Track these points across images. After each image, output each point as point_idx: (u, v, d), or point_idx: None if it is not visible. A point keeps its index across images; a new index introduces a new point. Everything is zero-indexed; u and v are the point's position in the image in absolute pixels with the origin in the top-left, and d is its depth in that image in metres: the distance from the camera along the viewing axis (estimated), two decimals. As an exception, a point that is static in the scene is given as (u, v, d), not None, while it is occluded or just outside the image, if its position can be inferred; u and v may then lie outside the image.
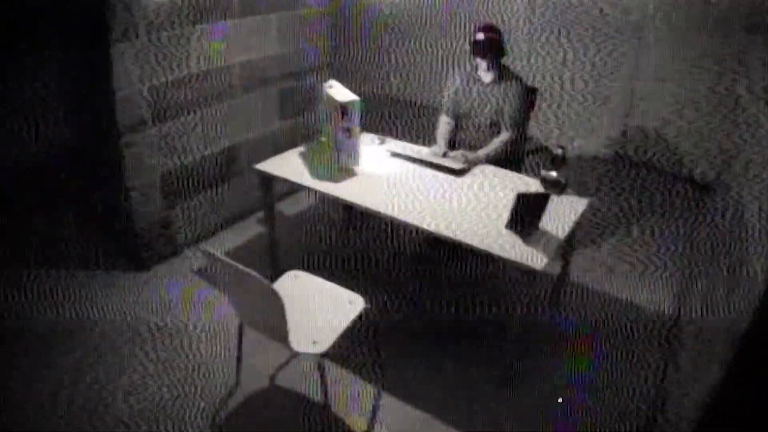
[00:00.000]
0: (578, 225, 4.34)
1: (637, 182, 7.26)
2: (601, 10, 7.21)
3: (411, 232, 4.12)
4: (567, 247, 4.54)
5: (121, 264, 5.46)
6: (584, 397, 4.13)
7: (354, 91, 4.66)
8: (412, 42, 9.09)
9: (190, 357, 4.47)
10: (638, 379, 4.30)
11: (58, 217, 6.11)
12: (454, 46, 7.96)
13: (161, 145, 5.18)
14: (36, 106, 6.63)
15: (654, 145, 7.50)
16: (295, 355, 3.76)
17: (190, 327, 4.76)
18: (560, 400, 4.02)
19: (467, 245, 3.82)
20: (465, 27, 8.02)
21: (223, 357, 4.43)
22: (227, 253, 5.54)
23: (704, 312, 3.07)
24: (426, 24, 8.87)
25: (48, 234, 5.85)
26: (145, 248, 5.38)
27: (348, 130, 4.56)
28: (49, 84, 6.42)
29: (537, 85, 5.70)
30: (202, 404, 4.08)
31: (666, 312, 4.96)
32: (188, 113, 5.33)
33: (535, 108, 5.51)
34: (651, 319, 4.91)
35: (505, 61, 5.22)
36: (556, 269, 4.79)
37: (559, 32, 7.70)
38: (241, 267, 3.15)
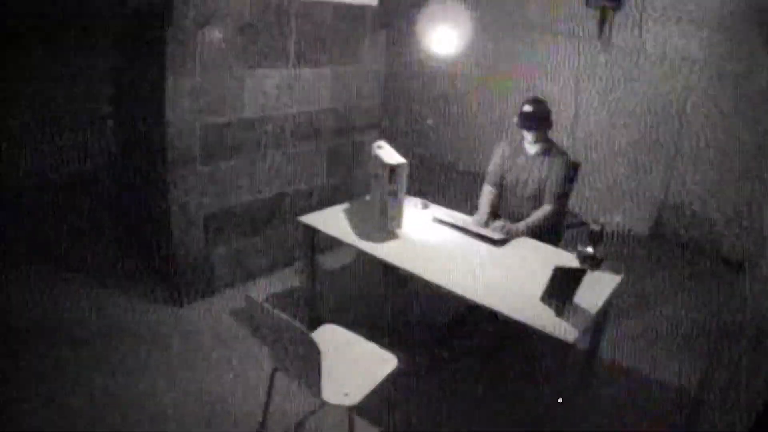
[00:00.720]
0: (611, 300, 4.39)
1: (672, 260, 7.30)
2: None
3: (448, 297, 4.16)
4: (599, 322, 4.58)
5: (157, 297, 5.53)
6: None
7: (402, 153, 4.76)
8: (463, 109, 9.22)
9: (218, 397, 4.52)
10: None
11: (103, 243, 6.22)
12: (503, 116, 8.09)
13: (208, 184, 5.29)
14: (89, 129, 6.78)
15: (689, 224, 7.55)
16: (323, 405, 3.82)
17: (220, 367, 4.82)
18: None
19: (501, 315, 3.87)
20: (516, 98, 8.16)
21: (251, 401, 4.46)
22: (265, 300, 5.62)
23: (728, 393, 3.11)
24: (478, 92, 9.00)
25: (91, 257, 5.96)
26: (183, 284, 5.47)
27: (394, 193, 4.64)
28: (103, 108, 6.57)
29: (579, 159, 5.78)
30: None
31: (691, 392, 4.99)
32: (238, 156, 5.44)
33: (576, 183, 5.58)
34: (675, 397, 4.94)
35: (551, 134, 5.31)
36: (588, 343, 4.81)
37: (601, 107, 7.81)
38: (282, 315, 3.24)
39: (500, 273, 4.37)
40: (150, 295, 5.57)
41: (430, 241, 4.80)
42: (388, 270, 5.41)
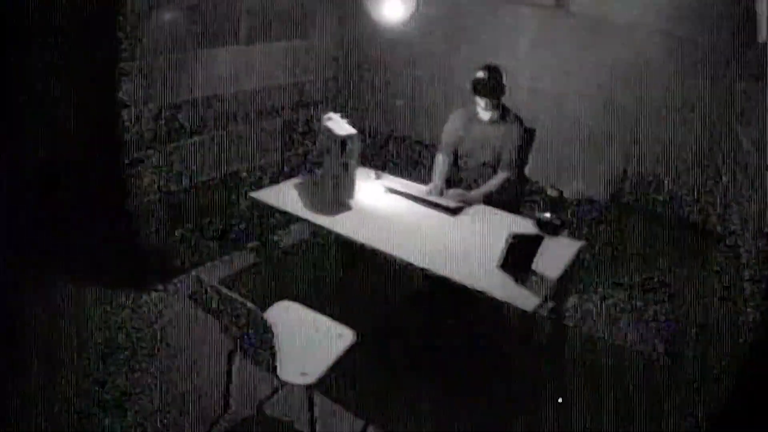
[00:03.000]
0: (572, 267, 4.34)
1: (634, 226, 7.27)
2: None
3: (407, 267, 4.10)
4: (560, 289, 4.53)
5: (115, 284, 5.41)
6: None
7: (353, 125, 4.68)
8: (414, 79, 9.12)
9: (179, 382, 4.45)
10: (631, 423, 4.30)
11: (55, 231, 6.12)
12: (455, 84, 8.02)
13: (162, 167, 5.19)
14: (40, 117, 6.66)
15: (652, 191, 7.52)
16: (284, 384, 3.75)
17: (181, 352, 4.75)
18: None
19: (459, 284, 3.82)
20: (468, 66, 8.08)
21: (212, 383, 4.40)
22: (222, 280, 5.54)
23: (697, 357, 3.08)
24: (428, 61, 8.91)
25: (47, 247, 5.85)
26: (141, 269, 5.37)
27: (345, 165, 4.57)
28: (56, 97, 6.45)
29: (536, 127, 5.72)
30: (189, 429, 4.06)
31: (659, 357, 4.96)
32: (191, 137, 5.34)
33: (533, 149, 5.53)
34: (643, 363, 4.91)
35: (505, 100, 5.25)
36: (549, 312, 4.75)
37: (561, 73, 7.75)
38: (233, 294, 3.17)
39: (457, 242, 4.32)
40: (109, 282, 5.44)
41: (384, 211, 4.74)
42: (343, 243, 5.35)
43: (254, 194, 4.87)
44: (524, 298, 3.65)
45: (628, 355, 5.03)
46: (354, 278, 5.83)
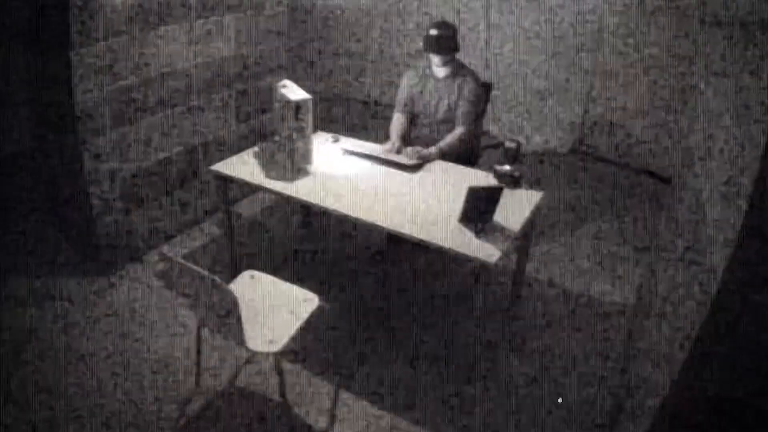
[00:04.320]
0: (534, 219, 4.37)
1: (596, 176, 7.32)
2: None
3: (367, 229, 4.11)
4: (523, 242, 4.55)
5: (81, 268, 5.43)
6: (550, 390, 4.18)
7: (308, 90, 4.65)
8: (367, 40, 9.12)
9: (151, 360, 4.46)
10: (602, 369, 4.36)
11: (16, 219, 6.09)
12: (409, 43, 8.02)
13: (121, 148, 5.16)
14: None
15: (612, 140, 7.56)
16: (253, 354, 3.75)
17: (151, 331, 4.75)
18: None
19: (421, 241, 3.84)
20: (420, 24, 8.07)
21: (183, 359, 4.43)
22: (186, 255, 5.55)
23: (664, 303, 3.10)
24: (381, 22, 8.90)
25: (5, 237, 5.83)
26: (105, 253, 5.37)
27: (301, 129, 4.55)
28: (10, 83, 6.42)
29: (494, 81, 5.72)
30: (164, 407, 4.07)
31: (626, 304, 5.03)
32: (147, 116, 5.31)
33: (489, 103, 5.53)
34: (611, 311, 4.98)
35: (460, 56, 5.24)
36: (513, 264, 4.79)
37: (517, 27, 7.75)
38: (195, 268, 3.15)
39: (416, 199, 4.32)
40: (75, 268, 5.46)
41: (342, 174, 4.73)
42: (305, 209, 5.35)
43: (214, 167, 4.85)
44: (486, 251, 3.66)
45: (592, 303, 5.08)
46: (318, 242, 5.85)
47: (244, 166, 4.85)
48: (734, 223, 1.85)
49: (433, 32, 5.03)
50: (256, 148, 5.15)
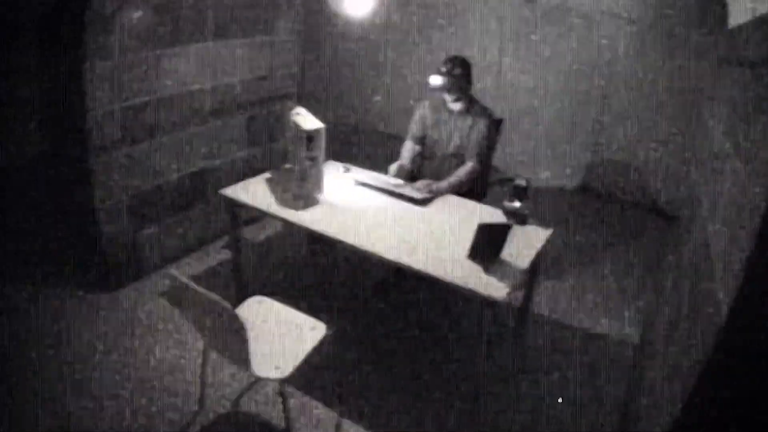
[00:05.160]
0: (542, 255, 4.37)
1: (603, 213, 7.33)
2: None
3: (374, 260, 4.11)
4: (530, 278, 4.57)
5: (85, 284, 5.41)
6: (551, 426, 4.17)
7: (321, 119, 4.67)
8: (381, 70, 9.15)
9: (154, 380, 4.44)
10: (603, 407, 4.35)
11: (20, 229, 6.10)
12: (424, 73, 8.06)
13: (130, 166, 5.17)
14: (7, 115, 6.65)
15: (621, 177, 7.58)
16: (258, 380, 3.76)
17: (154, 350, 4.74)
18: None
19: (428, 275, 3.83)
20: (437, 57, 8.12)
21: (187, 381, 4.41)
22: (193, 277, 5.50)
23: (668, 341, 3.10)
24: (395, 53, 8.93)
25: (9, 246, 5.84)
26: (111, 269, 5.36)
27: (312, 158, 4.57)
28: (21, 92, 6.43)
29: (505, 114, 5.74)
30: (165, 429, 4.06)
31: (631, 342, 5.02)
32: (159, 135, 5.33)
33: (499, 139, 5.54)
34: (616, 349, 4.98)
35: (473, 91, 5.26)
36: (520, 300, 4.80)
37: (530, 61, 7.80)
38: (204, 291, 3.16)
39: (425, 233, 4.33)
40: (79, 283, 5.44)
41: (352, 204, 4.74)
42: (313, 237, 5.36)
43: (224, 191, 4.87)
44: (494, 287, 3.66)
45: (596, 339, 5.08)
46: (326, 270, 5.86)
47: (254, 192, 4.86)
48: (741, 259, 1.87)
49: (445, 69, 5.05)
50: (267, 174, 5.17)
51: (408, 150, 5.41)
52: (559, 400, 4.09)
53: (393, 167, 5.16)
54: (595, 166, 7.80)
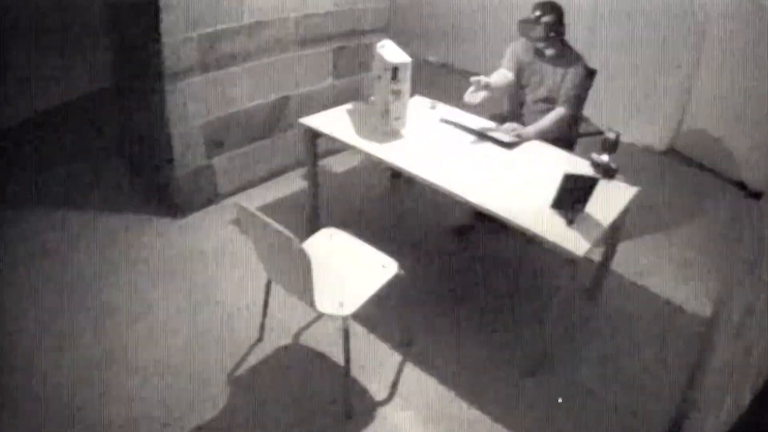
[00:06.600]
0: (625, 214, 4.18)
1: (688, 180, 7.07)
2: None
3: (455, 201, 3.97)
4: (612, 236, 4.40)
5: (157, 209, 5.45)
6: (608, 394, 4.01)
7: (409, 53, 4.53)
8: (477, 8, 8.94)
9: (216, 308, 4.44)
10: (666, 381, 4.16)
11: (97, 157, 6.13)
12: (521, 13, 7.82)
13: (207, 93, 5.12)
14: (84, 39, 6.66)
15: (709, 146, 7.30)
16: (321, 315, 3.65)
17: (220, 277, 4.73)
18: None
19: (510, 222, 3.70)
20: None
21: (249, 311, 4.38)
22: (265, 206, 5.53)
23: (740, 320, 2.92)
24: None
25: (85, 174, 5.89)
26: (182, 195, 5.36)
27: (397, 92, 4.45)
28: (94, 19, 6.42)
29: (598, 67, 5.51)
30: (224, 356, 4.04)
31: (702, 315, 4.80)
32: (239, 63, 5.26)
33: (591, 90, 5.33)
34: (686, 320, 4.76)
35: (567, 38, 5.05)
36: (598, 257, 4.63)
37: (626, 16, 7.52)
38: (270, 221, 3.06)
39: (509, 178, 4.20)
40: (151, 208, 5.49)
41: (436, 142, 4.63)
42: (395, 173, 5.23)
43: (304, 120, 4.79)
44: (575, 242, 3.51)
45: (669, 309, 4.88)
46: (402, 208, 5.78)
47: (335, 122, 4.78)
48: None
49: (537, 13, 4.85)
50: (349, 106, 5.08)
51: (498, 73, 5.18)
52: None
53: (473, 78, 4.92)
54: (683, 130, 7.52)
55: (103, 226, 5.21)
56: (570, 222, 3.67)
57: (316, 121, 4.79)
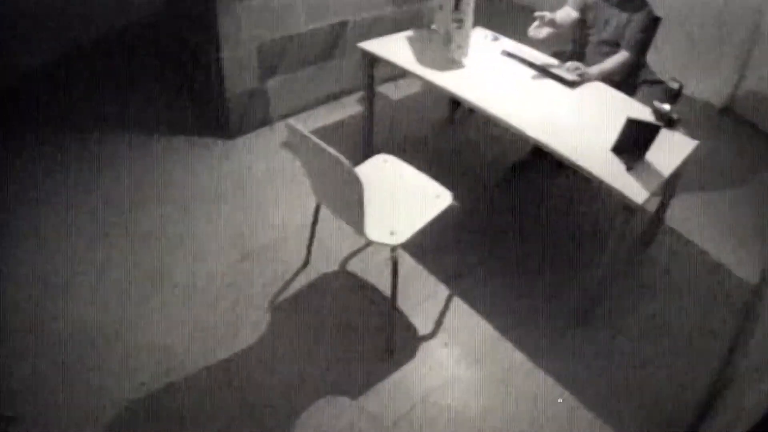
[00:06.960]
0: (683, 166, 4.05)
1: (745, 141, 6.91)
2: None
3: (513, 136, 3.89)
4: (669, 187, 4.32)
5: (208, 130, 5.47)
6: (652, 354, 3.94)
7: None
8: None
9: (263, 231, 4.44)
10: (711, 346, 4.06)
11: (150, 79, 6.19)
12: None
13: (261, 15, 5.05)
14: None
15: (765, 110, 7.13)
16: (370, 243, 3.62)
17: (268, 200, 4.73)
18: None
19: (570, 162, 3.63)
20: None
21: (297, 235, 4.36)
22: (320, 129, 5.52)
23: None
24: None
25: (139, 96, 5.93)
26: (233, 116, 5.35)
27: (459, 21, 4.36)
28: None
29: (663, 15, 5.38)
30: (268, 279, 4.05)
31: (750, 282, 4.66)
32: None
33: (654, 37, 5.21)
34: (734, 285, 4.63)
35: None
36: (654, 208, 4.55)
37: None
38: (322, 144, 3.00)
39: (570, 116, 4.10)
40: (204, 130, 5.52)
41: (497, 74, 4.54)
42: (455, 103, 5.15)
43: (363, 44, 4.73)
44: (633, 189, 3.43)
45: (717, 272, 4.75)
46: (459, 140, 5.72)
47: (395, 49, 4.71)
48: None
49: None
50: (410, 33, 5.00)
51: (563, 11, 5.06)
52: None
53: (538, 13, 4.81)
54: (743, 90, 7.34)
55: (159, 145, 5.25)
56: (629, 168, 3.59)
57: (376, 45, 4.73)
